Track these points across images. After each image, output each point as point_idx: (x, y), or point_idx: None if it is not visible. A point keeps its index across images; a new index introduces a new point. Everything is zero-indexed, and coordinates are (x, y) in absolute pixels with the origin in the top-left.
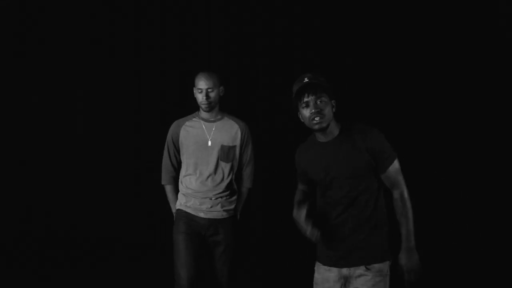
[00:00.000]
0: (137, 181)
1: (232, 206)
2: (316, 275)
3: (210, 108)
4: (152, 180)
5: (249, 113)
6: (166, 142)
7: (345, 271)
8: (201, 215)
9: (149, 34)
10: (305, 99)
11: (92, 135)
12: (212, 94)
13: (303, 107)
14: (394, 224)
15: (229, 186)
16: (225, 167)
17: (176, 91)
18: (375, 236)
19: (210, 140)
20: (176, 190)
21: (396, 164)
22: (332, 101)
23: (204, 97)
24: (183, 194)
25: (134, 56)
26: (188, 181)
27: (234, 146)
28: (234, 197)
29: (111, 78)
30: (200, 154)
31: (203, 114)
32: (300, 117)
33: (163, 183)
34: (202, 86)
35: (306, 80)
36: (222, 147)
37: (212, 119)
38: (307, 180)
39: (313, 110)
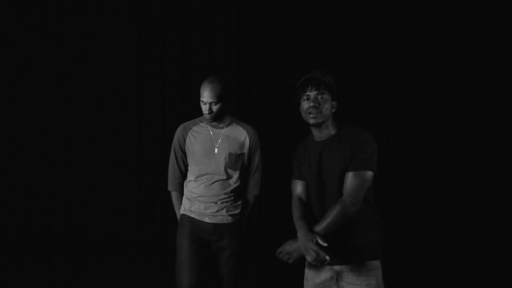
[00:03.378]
0: (137, 181)
1: (238, 211)
2: (306, 270)
3: (213, 119)
4: (153, 180)
5: (249, 116)
6: (172, 147)
7: (337, 267)
8: (206, 219)
9: (149, 35)
10: (307, 92)
11: (92, 134)
12: (215, 108)
13: (303, 99)
14: (387, 222)
15: (235, 192)
16: (233, 174)
17: (177, 93)
18: (366, 234)
19: (217, 147)
20: (182, 196)
21: (363, 176)
22: (334, 102)
23: (207, 111)
24: (188, 198)
25: (134, 57)
26: (193, 185)
27: (242, 154)
28: (240, 202)
29: (111, 80)
30: (206, 161)
31: None
32: (300, 109)
33: (169, 189)
34: (205, 99)
35: (313, 74)
36: (230, 154)
37: (221, 125)
38: (302, 177)
39: (311, 104)
